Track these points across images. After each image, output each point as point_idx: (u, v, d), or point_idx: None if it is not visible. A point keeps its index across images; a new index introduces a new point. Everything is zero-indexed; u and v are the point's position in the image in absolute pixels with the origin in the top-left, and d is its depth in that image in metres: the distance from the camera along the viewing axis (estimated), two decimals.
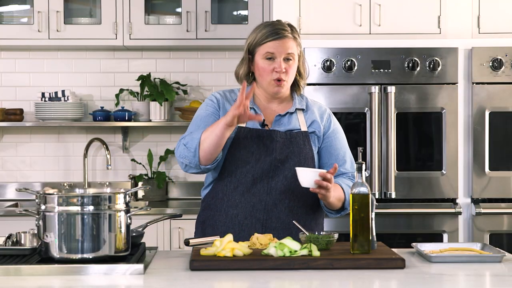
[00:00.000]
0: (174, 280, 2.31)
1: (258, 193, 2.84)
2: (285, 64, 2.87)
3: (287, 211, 2.85)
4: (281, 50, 2.86)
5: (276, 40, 2.86)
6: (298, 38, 2.92)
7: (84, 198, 2.40)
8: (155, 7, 4.97)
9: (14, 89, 5.09)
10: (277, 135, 2.88)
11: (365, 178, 2.57)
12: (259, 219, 2.84)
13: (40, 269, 2.35)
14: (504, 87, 4.30)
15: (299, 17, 4.42)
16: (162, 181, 4.94)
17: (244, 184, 2.85)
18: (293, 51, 2.87)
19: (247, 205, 2.85)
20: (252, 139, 2.86)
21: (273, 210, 2.84)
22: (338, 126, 3.03)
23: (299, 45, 2.91)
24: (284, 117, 2.94)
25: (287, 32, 2.87)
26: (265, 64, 2.87)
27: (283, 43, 2.86)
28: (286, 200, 2.85)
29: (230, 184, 2.88)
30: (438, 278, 2.31)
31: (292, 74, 2.90)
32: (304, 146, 2.90)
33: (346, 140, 3.03)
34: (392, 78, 4.29)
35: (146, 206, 3.31)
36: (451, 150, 4.29)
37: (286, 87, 2.91)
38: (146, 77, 4.99)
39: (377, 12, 4.44)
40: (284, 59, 2.86)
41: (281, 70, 2.86)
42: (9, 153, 5.09)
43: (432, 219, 4.29)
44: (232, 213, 2.87)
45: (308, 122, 2.94)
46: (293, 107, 2.95)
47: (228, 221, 2.87)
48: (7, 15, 4.93)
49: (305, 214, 2.89)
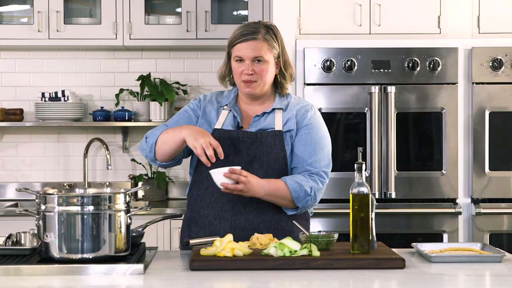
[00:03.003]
0: (174, 280, 2.31)
1: (227, 194, 2.82)
2: (255, 66, 2.85)
3: (256, 211, 2.84)
4: (248, 53, 2.85)
5: (243, 42, 2.86)
6: (273, 40, 2.88)
7: (84, 198, 2.40)
8: (155, 7, 4.97)
9: (14, 89, 5.09)
10: (245, 135, 2.87)
11: (365, 178, 2.57)
12: (227, 219, 2.84)
13: (40, 269, 2.35)
14: (504, 87, 4.30)
15: (299, 17, 4.42)
16: (162, 181, 4.94)
17: (213, 185, 2.82)
18: (262, 53, 2.84)
19: (217, 205, 2.86)
20: (224, 140, 2.85)
21: (241, 211, 2.84)
22: (316, 122, 2.94)
23: (273, 47, 2.87)
24: (262, 118, 2.92)
25: (256, 34, 2.85)
26: (235, 66, 2.89)
27: (250, 46, 2.85)
28: (255, 200, 2.83)
29: (202, 184, 2.90)
30: (438, 278, 2.31)
31: (265, 75, 2.87)
32: (274, 146, 2.86)
33: (325, 139, 2.95)
34: (392, 78, 4.28)
35: (146, 206, 3.31)
36: (451, 150, 4.29)
37: (260, 88, 2.89)
38: (146, 77, 4.99)
39: (377, 12, 4.44)
40: (255, 61, 2.85)
41: (248, 72, 2.85)
42: (9, 153, 5.09)
43: (432, 219, 4.29)
44: (204, 213, 2.89)
45: (284, 121, 2.91)
46: (270, 107, 2.93)
47: (200, 221, 2.89)
48: (7, 15, 4.93)
49: (277, 214, 2.86)
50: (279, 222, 2.86)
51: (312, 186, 2.83)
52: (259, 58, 2.85)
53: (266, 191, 2.77)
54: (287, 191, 2.81)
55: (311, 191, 2.83)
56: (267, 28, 2.89)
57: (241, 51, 2.86)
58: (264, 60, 2.86)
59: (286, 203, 2.84)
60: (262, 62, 2.86)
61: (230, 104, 2.95)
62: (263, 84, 2.89)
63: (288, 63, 2.95)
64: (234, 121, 2.92)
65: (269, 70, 2.88)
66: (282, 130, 2.89)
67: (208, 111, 2.96)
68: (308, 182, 2.83)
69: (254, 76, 2.86)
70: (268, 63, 2.87)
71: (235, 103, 2.96)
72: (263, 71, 2.86)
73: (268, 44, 2.87)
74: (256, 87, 2.88)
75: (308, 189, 2.82)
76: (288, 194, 2.81)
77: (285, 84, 2.96)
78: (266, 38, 2.86)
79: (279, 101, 2.94)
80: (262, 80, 2.87)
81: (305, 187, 2.82)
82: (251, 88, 2.88)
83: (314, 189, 2.84)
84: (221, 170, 2.69)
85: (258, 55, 2.85)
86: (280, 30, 2.96)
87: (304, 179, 2.84)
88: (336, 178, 4.25)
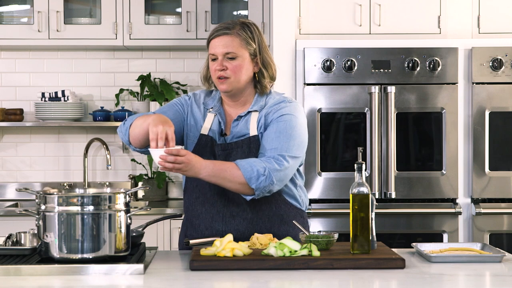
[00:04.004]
0: (174, 280, 2.31)
1: (217, 204, 2.81)
2: (228, 63, 2.80)
3: (245, 222, 2.81)
4: (220, 49, 2.80)
5: (215, 38, 2.82)
6: (248, 36, 2.81)
7: (84, 198, 2.40)
8: (155, 7, 4.97)
9: (14, 89, 5.09)
10: (219, 149, 2.82)
11: (365, 178, 2.57)
12: (218, 230, 2.82)
13: (40, 269, 2.35)
14: (504, 87, 4.30)
15: (299, 17, 4.42)
16: (162, 181, 4.94)
17: (204, 195, 2.82)
18: (234, 49, 2.79)
19: (207, 215, 2.84)
20: (208, 148, 2.83)
21: (231, 222, 2.80)
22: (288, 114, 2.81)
23: (248, 43, 2.81)
24: (239, 122, 2.86)
25: (230, 29, 2.81)
26: (211, 64, 2.85)
27: (221, 41, 2.80)
28: (245, 212, 2.81)
29: (193, 193, 2.87)
30: (438, 278, 2.31)
31: (239, 72, 2.80)
32: (251, 153, 2.80)
33: (294, 129, 2.79)
34: (392, 78, 4.29)
35: (146, 206, 3.31)
36: (451, 150, 4.29)
37: (234, 86, 2.81)
38: (146, 77, 4.99)
39: (377, 12, 4.44)
40: (227, 57, 2.80)
41: (219, 68, 2.80)
42: (9, 153, 5.09)
43: (432, 219, 4.29)
44: (196, 222, 2.87)
45: (259, 122, 2.84)
46: (245, 111, 2.86)
47: (193, 231, 2.87)
48: (7, 15, 4.93)
49: (268, 222, 2.83)
50: (270, 229, 2.82)
51: (266, 167, 2.69)
52: (231, 53, 2.79)
53: (209, 171, 2.66)
54: (236, 172, 2.68)
55: (265, 171, 2.68)
56: (243, 24, 2.84)
57: (213, 47, 2.81)
58: (237, 56, 2.80)
59: (237, 187, 2.71)
60: (235, 59, 2.80)
61: (216, 107, 2.90)
62: (237, 81, 2.81)
63: (268, 62, 2.86)
64: (219, 127, 2.87)
65: (243, 66, 2.81)
66: (257, 134, 2.82)
67: (195, 112, 2.92)
68: (261, 163, 2.70)
69: (226, 72, 2.80)
70: (243, 60, 2.81)
71: (220, 105, 2.91)
72: (236, 68, 2.80)
73: (241, 39, 2.80)
74: (230, 84, 2.81)
75: (261, 169, 2.68)
76: (237, 176, 2.68)
77: (265, 83, 2.87)
78: (240, 33, 2.81)
79: (256, 102, 2.87)
80: (235, 77, 2.80)
81: (257, 167, 2.68)
82: (225, 85, 2.81)
83: (268, 169, 2.69)
84: (160, 151, 2.60)
85: (229, 51, 2.79)
86: (280, 30, 2.94)
87: (258, 160, 2.73)
88: (336, 178, 4.25)
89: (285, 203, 2.87)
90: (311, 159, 4.24)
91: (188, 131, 2.91)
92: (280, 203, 2.85)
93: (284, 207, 2.86)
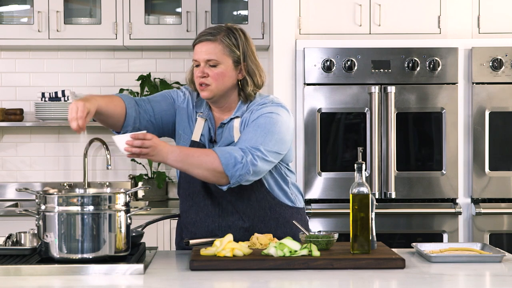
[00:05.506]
0: (174, 280, 2.31)
1: (211, 214, 2.80)
2: (209, 69, 2.74)
3: (242, 231, 2.79)
4: (201, 56, 2.75)
5: (198, 43, 2.78)
6: (232, 43, 2.75)
7: (84, 198, 2.41)
8: (155, 7, 4.97)
9: (14, 89, 5.09)
10: None
11: (365, 178, 2.57)
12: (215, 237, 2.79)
13: (40, 269, 2.35)
14: (504, 87, 4.30)
15: (299, 17, 4.42)
16: (162, 181, 4.94)
17: (197, 204, 2.81)
18: (216, 57, 2.73)
19: (203, 224, 2.82)
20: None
21: (227, 231, 2.74)
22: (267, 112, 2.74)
23: (232, 51, 2.75)
24: (223, 129, 2.82)
25: (214, 35, 2.75)
26: (194, 70, 2.80)
27: (203, 47, 2.75)
28: (240, 221, 2.80)
29: (187, 201, 2.85)
30: (438, 278, 2.31)
31: (220, 79, 2.74)
32: None
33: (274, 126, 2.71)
34: (392, 78, 4.29)
35: (146, 206, 3.31)
36: (451, 150, 4.29)
37: (215, 93, 2.76)
38: (146, 77, 4.99)
39: (377, 12, 4.44)
40: (209, 65, 2.75)
41: (200, 75, 2.75)
42: (9, 153, 5.09)
43: (432, 219, 4.29)
44: (191, 230, 2.86)
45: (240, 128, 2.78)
46: (228, 118, 2.82)
47: (189, 235, 2.85)
48: (7, 15, 4.93)
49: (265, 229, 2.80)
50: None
51: (243, 155, 2.62)
52: (213, 60, 2.74)
53: (175, 156, 2.59)
54: (209, 158, 2.60)
55: (242, 159, 2.61)
56: (228, 30, 2.78)
57: (196, 53, 2.77)
58: (219, 64, 2.74)
59: (205, 174, 2.62)
60: (217, 66, 2.74)
61: (205, 111, 2.86)
62: (218, 89, 2.75)
63: (253, 70, 2.79)
64: (208, 134, 2.84)
65: (226, 74, 2.75)
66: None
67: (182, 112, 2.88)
68: (238, 151, 2.63)
69: (207, 79, 2.74)
70: (225, 67, 2.75)
71: (209, 110, 2.86)
72: (217, 75, 2.74)
73: (224, 46, 2.74)
74: (211, 92, 2.75)
75: (239, 156, 2.61)
76: (209, 162, 2.60)
77: (249, 90, 2.79)
78: (224, 40, 2.74)
79: (239, 108, 2.81)
80: (216, 84, 2.75)
81: (235, 154, 2.62)
82: (206, 92, 2.76)
83: (246, 159, 2.61)
84: (125, 137, 2.55)
85: (211, 58, 2.74)
86: (280, 30, 2.92)
87: (236, 148, 2.66)
88: (336, 178, 4.26)
89: (279, 205, 2.85)
90: (311, 159, 4.24)
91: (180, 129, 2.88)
92: (274, 206, 2.83)
93: (278, 210, 2.84)
